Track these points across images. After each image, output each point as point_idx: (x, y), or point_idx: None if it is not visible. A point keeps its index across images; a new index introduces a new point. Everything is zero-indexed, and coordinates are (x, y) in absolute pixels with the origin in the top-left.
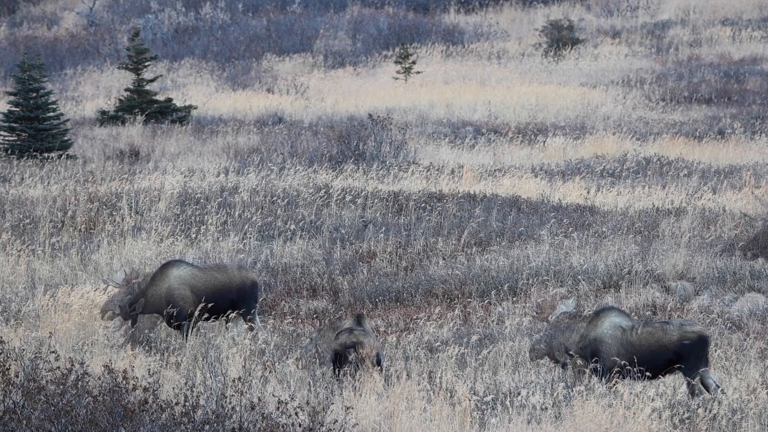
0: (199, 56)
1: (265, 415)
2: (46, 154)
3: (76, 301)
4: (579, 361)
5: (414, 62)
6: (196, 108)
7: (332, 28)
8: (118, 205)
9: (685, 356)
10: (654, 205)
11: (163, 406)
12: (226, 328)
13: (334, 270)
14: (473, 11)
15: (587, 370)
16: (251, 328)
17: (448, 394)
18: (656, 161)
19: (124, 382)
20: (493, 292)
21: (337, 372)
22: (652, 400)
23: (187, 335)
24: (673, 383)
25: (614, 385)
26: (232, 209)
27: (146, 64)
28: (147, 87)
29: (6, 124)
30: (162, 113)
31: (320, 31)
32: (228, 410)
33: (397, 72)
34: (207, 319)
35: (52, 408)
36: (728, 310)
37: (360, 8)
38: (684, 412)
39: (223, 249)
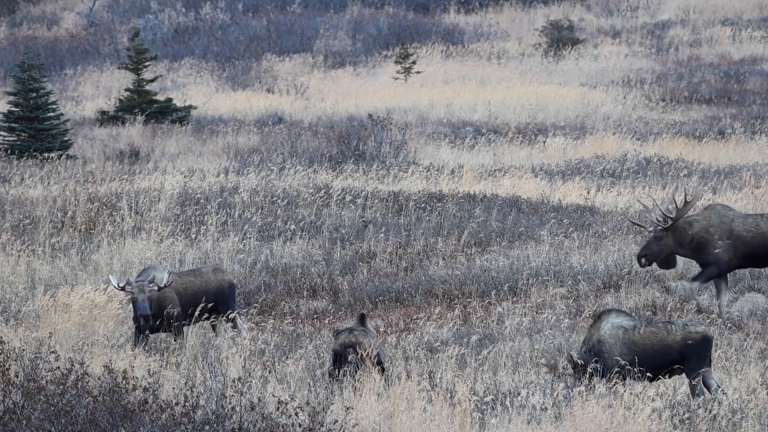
0: (199, 56)
1: (265, 415)
2: (46, 154)
3: (76, 301)
4: (580, 361)
5: (414, 62)
6: (196, 108)
7: (332, 28)
8: (118, 205)
9: (688, 356)
10: None
11: (163, 406)
12: (215, 333)
13: (334, 270)
14: (473, 11)
15: (588, 370)
16: (235, 327)
17: (448, 395)
18: (656, 161)
19: (124, 382)
20: (493, 292)
21: (337, 372)
22: (652, 400)
23: (180, 335)
24: (674, 383)
25: (614, 385)
26: (232, 209)
27: (146, 64)
28: (147, 87)
29: (6, 124)
30: (162, 113)
31: (320, 31)
32: (228, 410)
33: (397, 72)
34: (204, 319)
35: (52, 408)
36: (728, 310)
37: (360, 8)
38: (684, 413)
39: (223, 249)
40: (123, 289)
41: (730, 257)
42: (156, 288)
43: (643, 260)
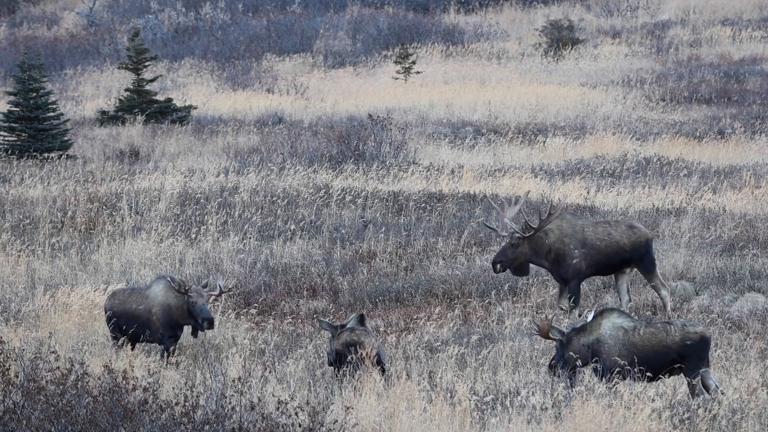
0: (199, 56)
1: (265, 415)
2: (46, 155)
3: (76, 302)
4: (578, 363)
5: (414, 62)
6: (196, 108)
7: (332, 28)
8: (118, 205)
9: (687, 357)
10: (654, 205)
11: (163, 406)
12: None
13: (334, 270)
14: (473, 11)
15: (588, 370)
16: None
17: (448, 394)
18: (656, 161)
19: (124, 382)
20: (493, 292)
21: (337, 371)
22: (652, 400)
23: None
24: (673, 383)
25: (614, 385)
26: (232, 209)
27: (146, 64)
28: (147, 87)
29: (6, 124)
30: (162, 113)
31: (320, 31)
32: (228, 410)
33: (397, 72)
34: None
35: (52, 408)
36: (728, 310)
37: (360, 8)
38: (684, 413)
39: (223, 249)
40: (186, 292)
41: (586, 265)
42: (216, 293)
43: (498, 266)
